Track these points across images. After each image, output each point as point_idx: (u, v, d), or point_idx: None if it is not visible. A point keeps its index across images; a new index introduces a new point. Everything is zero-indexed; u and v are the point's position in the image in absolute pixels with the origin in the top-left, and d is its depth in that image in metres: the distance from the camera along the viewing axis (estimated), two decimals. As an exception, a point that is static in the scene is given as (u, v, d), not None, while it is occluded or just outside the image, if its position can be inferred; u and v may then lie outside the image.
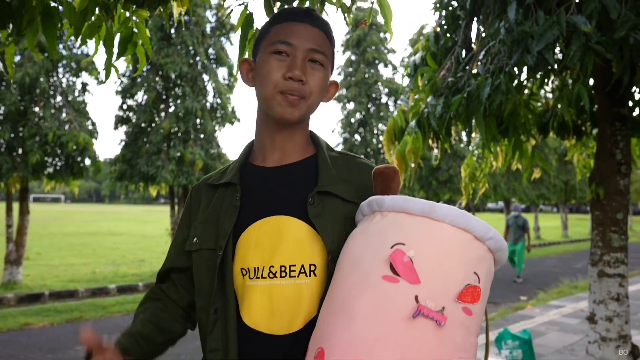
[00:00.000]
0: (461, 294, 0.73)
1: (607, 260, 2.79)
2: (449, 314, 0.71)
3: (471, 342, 0.75)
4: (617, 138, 2.83)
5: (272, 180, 0.98)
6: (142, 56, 1.88)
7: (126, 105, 9.81)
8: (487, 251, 0.80)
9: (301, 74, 0.91)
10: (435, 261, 0.75)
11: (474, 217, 0.79)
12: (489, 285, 0.81)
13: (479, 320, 0.77)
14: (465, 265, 0.76)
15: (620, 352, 2.74)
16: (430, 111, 2.62)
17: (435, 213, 0.78)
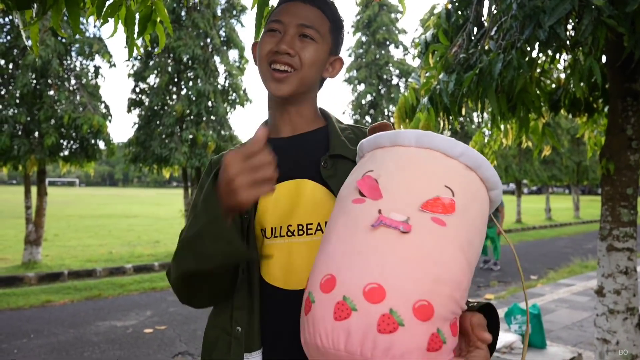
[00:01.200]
0: (427, 204, 0.73)
1: (616, 234, 2.82)
2: (415, 223, 0.70)
3: (449, 255, 0.70)
4: (628, 113, 2.84)
5: (286, 148, 1.03)
6: (162, 34, 1.94)
7: (139, 88, 9.90)
8: (464, 168, 0.79)
9: (287, 47, 0.95)
10: (400, 178, 0.77)
11: (441, 135, 0.80)
12: (479, 206, 0.78)
13: (461, 235, 0.72)
14: (432, 179, 0.76)
15: (628, 324, 2.79)
16: (442, 88, 2.65)
17: (402, 139, 0.82)
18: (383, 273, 0.66)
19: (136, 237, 12.69)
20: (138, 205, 28.80)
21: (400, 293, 0.65)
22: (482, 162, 0.80)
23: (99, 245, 10.94)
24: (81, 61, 8.49)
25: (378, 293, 0.65)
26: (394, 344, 0.64)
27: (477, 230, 0.77)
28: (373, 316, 0.64)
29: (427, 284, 0.67)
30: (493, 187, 0.82)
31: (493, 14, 2.73)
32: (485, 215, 0.80)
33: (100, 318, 5.45)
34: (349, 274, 0.68)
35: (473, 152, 0.79)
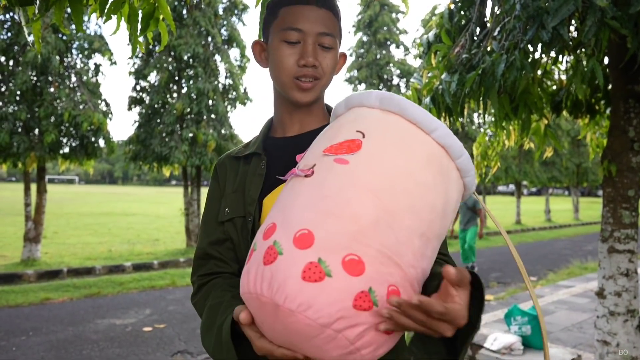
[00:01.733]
0: (330, 147, 0.75)
1: (617, 236, 2.82)
2: (317, 168, 0.74)
3: (353, 193, 0.68)
4: (630, 115, 2.84)
5: (293, 147, 1.02)
6: (165, 32, 1.94)
7: (139, 86, 9.89)
8: (384, 113, 0.78)
9: (314, 59, 0.96)
10: (328, 134, 0.81)
11: (360, 92, 0.83)
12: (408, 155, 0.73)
13: (371, 177, 0.70)
14: (341, 128, 0.79)
15: (628, 326, 2.79)
16: (444, 88, 2.65)
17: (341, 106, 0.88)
18: (281, 214, 0.71)
19: (135, 235, 12.68)
20: (137, 203, 28.79)
21: (286, 227, 0.68)
22: (402, 102, 0.77)
23: (98, 243, 10.93)
24: (81, 59, 8.48)
25: (270, 230, 0.70)
26: (274, 274, 0.64)
27: (403, 174, 0.71)
28: (260, 251, 0.68)
29: (313, 216, 0.67)
30: (429, 129, 0.76)
31: (496, 14, 2.73)
32: (427, 159, 0.74)
33: (100, 316, 5.45)
34: (284, 221, 0.70)
35: (391, 95, 0.78)
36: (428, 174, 0.72)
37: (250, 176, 1.03)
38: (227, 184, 1.07)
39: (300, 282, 0.62)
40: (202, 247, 1.06)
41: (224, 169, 1.10)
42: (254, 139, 1.13)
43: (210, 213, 1.08)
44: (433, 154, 0.74)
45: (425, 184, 0.71)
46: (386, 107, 0.77)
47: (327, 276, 0.61)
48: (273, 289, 0.63)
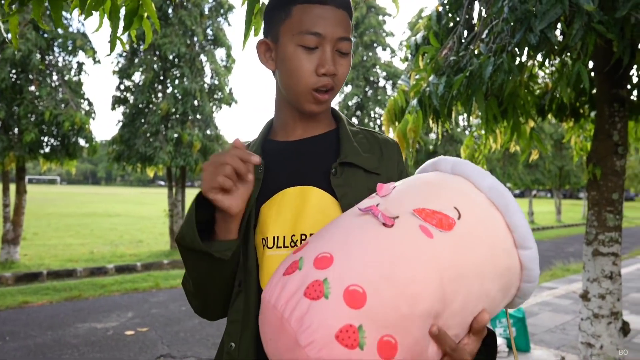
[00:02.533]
0: (422, 210, 0.69)
1: (601, 239, 2.84)
2: (400, 223, 0.67)
3: (419, 267, 0.64)
4: (614, 119, 2.86)
5: (294, 153, 0.98)
6: (149, 30, 1.89)
7: (123, 85, 9.75)
8: (489, 203, 0.74)
9: (334, 68, 0.90)
10: (415, 189, 0.76)
11: (474, 165, 0.78)
12: (489, 251, 0.69)
13: (447, 259, 0.66)
14: (445, 196, 0.73)
15: (612, 328, 2.81)
16: (432, 90, 2.64)
17: (440, 164, 0.84)
18: (341, 248, 0.65)
19: (118, 236, 12.49)
20: (121, 204, 28.42)
21: (343, 270, 0.63)
22: (510, 203, 0.72)
23: (80, 244, 10.74)
24: (64, 57, 8.32)
25: (325, 261, 0.64)
26: (310, 312, 0.60)
27: (478, 274, 0.68)
28: (308, 279, 0.63)
29: (373, 276, 0.62)
30: (523, 244, 0.72)
31: (484, 17, 2.72)
32: (502, 271, 0.71)
33: (80, 319, 5.33)
34: (317, 241, 0.69)
35: (503, 189, 0.73)
36: (495, 286, 0.71)
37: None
38: None
39: (331, 338, 0.59)
40: None
41: None
42: (252, 141, 1.07)
43: None
44: (509, 269, 0.72)
45: (487, 294, 0.70)
46: (494, 199, 0.74)
47: (359, 348, 0.59)
48: (303, 325, 0.61)
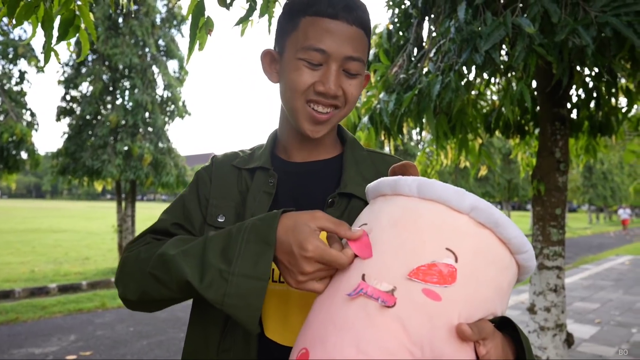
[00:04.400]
0: (417, 271, 0.60)
1: (546, 253, 2.93)
2: (401, 296, 0.59)
3: (440, 339, 0.58)
4: (556, 137, 2.98)
5: (296, 177, 0.92)
6: (86, 41, 1.79)
7: (69, 96, 9.34)
8: (476, 225, 0.65)
9: (336, 88, 0.82)
10: (392, 236, 0.65)
11: (447, 185, 0.68)
12: (494, 273, 0.64)
13: (464, 312, 0.60)
14: (431, 239, 0.63)
15: (557, 340, 2.88)
16: (382, 107, 2.66)
17: (402, 187, 0.70)
18: (357, 354, 0.57)
19: (63, 253, 11.87)
20: (67, 219, 27.12)
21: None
22: (499, 218, 0.65)
23: (20, 262, 10.11)
24: (3, 65, 7.90)
25: None
26: None
27: (487, 303, 0.63)
28: None
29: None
30: (519, 250, 0.68)
31: (432, 36, 2.78)
32: (505, 284, 0.67)
33: (16, 345, 4.98)
34: (321, 350, 0.60)
35: (486, 205, 0.65)
36: (501, 305, 0.68)
37: (255, 192, 0.90)
38: (220, 189, 0.94)
39: None
40: (165, 224, 0.92)
41: (222, 170, 0.97)
42: (257, 150, 0.99)
43: (192, 201, 0.94)
44: (512, 280, 0.69)
45: (500, 303, 0.68)
46: (480, 220, 0.65)
47: None
48: None
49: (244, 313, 0.69)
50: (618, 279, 9.08)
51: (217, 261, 0.71)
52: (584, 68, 2.68)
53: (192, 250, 0.75)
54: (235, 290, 0.69)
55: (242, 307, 0.69)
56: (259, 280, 0.69)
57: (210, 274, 0.71)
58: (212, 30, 1.62)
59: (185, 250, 0.76)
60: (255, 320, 0.69)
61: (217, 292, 0.70)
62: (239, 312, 0.69)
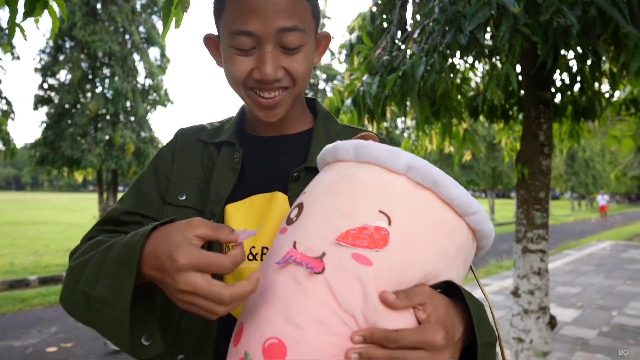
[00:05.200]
0: (347, 235, 0.57)
1: (530, 237, 2.93)
2: (330, 261, 0.56)
3: (376, 304, 0.55)
4: (540, 120, 2.97)
5: (263, 152, 0.87)
6: (55, 18, 1.70)
7: (47, 84, 9.11)
8: (415, 186, 0.61)
9: (274, 72, 0.74)
10: (325, 201, 0.62)
11: (381, 145, 0.64)
12: (436, 237, 0.60)
13: (395, 275, 0.57)
14: (363, 201, 0.60)
15: (540, 323, 2.90)
16: (366, 89, 2.61)
17: (341, 152, 0.67)
18: (286, 325, 0.55)
19: (44, 245, 11.65)
20: (48, 210, 26.68)
21: (303, 352, 0.54)
22: (437, 177, 0.61)
23: None
24: (-24, 52, 7.67)
25: (278, 351, 0.54)
26: None
27: (426, 269, 0.59)
28: None
29: (336, 341, 0.54)
30: (466, 212, 0.63)
31: (416, 18, 2.73)
32: (452, 248, 0.62)
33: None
34: (253, 324, 0.59)
35: (424, 164, 0.61)
36: (452, 271, 0.63)
37: (220, 168, 0.85)
38: (182, 165, 0.88)
39: None
40: (117, 213, 0.86)
41: (186, 145, 0.90)
42: (225, 123, 0.94)
43: (145, 184, 0.89)
44: (462, 244, 0.64)
45: (438, 278, 0.63)
46: (418, 179, 0.61)
47: None
48: None
49: (113, 339, 0.67)
50: (599, 263, 9.24)
51: (85, 282, 0.68)
52: (569, 51, 2.67)
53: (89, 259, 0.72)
54: (98, 318, 0.66)
55: (109, 335, 0.67)
56: (120, 310, 0.61)
57: (77, 294, 0.69)
58: (188, 7, 1.55)
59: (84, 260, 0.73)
60: (125, 344, 0.65)
61: (84, 316, 0.69)
62: (109, 337, 0.68)
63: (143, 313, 0.66)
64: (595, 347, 4.34)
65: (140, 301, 0.66)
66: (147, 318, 0.67)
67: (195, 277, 0.56)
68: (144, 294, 0.67)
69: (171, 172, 0.88)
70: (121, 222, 0.85)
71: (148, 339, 0.66)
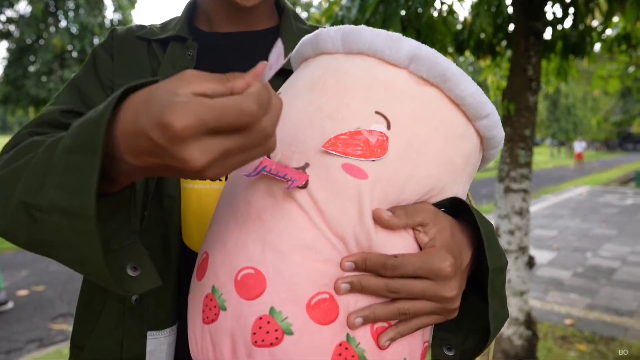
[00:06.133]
0: (336, 140, 0.45)
1: (513, 176, 2.83)
2: (316, 173, 0.45)
3: (371, 224, 0.45)
4: (530, 54, 2.80)
5: (222, 50, 0.74)
6: None
7: (5, 16, 8.49)
8: (416, 82, 0.49)
9: None
10: (309, 101, 0.50)
11: (377, 30, 0.51)
12: (441, 141, 0.49)
13: (394, 190, 0.46)
14: (349, 101, 0.48)
15: (519, 263, 2.86)
16: (344, 14, 2.39)
17: (324, 43, 0.54)
18: (264, 252, 0.44)
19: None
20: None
21: (287, 282, 0.44)
22: (447, 70, 0.49)
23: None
24: None
25: (255, 283, 0.44)
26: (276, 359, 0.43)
27: (429, 182, 0.49)
28: (246, 319, 0.43)
29: (326, 269, 0.44)
30: (477, 114, 0.51)
31: None
32: (459, 158, 0.51)
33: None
34: (222, 252, 0.47)
35: (430, 53, 0.49)
36: (457, 185, 0.52)
37: (168, 67, 0.70)
38: (126, 66, 0.72)
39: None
40: (53, 113, 0.68)
41: (125, 45, 0.74)
42: (168, 23, 0.78)
43: (89, 82, 0.72)
44: (470, 154, 0.53)
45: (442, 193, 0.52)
46: (423, 73, 0.49)
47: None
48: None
49: (83, 269, 0.45)
50: (576, 208, 9.40)
51: (24, 190, 0.45)
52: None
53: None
54: (50, 238, 0.44)
55: (75, 262, 0.44)
56: (81, 218, 0.39)
57: (12, 207, 0.46)
58: None
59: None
60: (101, 275, 0.42)
61: (29, 238, 0.46)
62: (77, 267, 0.45)
63: (121, 230, 0.47)
64: (569, 287, 4.41)
65: (115, 213, 0.46)
66: (127, 237, 0.48)
67: (208, 143, 0.35)
68: (120, 204, 0.46)
69: (113, 74, 0.72)
70: (61, 124, 0.66)
71: (135, 268, 0.47)
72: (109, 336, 0.67)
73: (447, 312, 0.48)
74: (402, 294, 0.45)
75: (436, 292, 0.46)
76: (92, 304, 0.70)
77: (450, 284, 0.47)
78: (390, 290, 0.45)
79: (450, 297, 0.47)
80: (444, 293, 0.46)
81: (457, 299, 0.48)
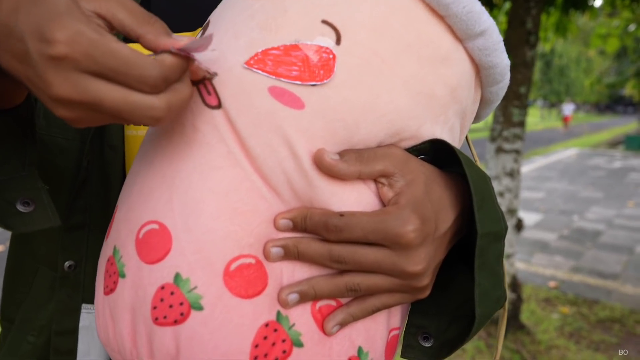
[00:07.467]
0: (261, 57, 0.33)
1: (505, 135, 2.72)
2: (235, 97, 0.34)
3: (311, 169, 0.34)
4: (530, 4, 2.62)
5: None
6: None
7: None
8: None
9: None
10: (242, 8, 0.37)
11: None
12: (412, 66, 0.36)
13: (343, 127, 0.34)
14: (298, 5, 0.35)
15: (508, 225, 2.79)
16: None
17: None
18: (171, 200, 0.33)
19: None
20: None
21: (197, 240, 0.33)
22: None
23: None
24: None
25: (158, 241, 0.33)
26: (181, 342, 0.32)
27: (397, 118, 0.36)
28: (146, 290, 0.33)
29: (252, 223, 0.33)
30: (469, 31, 0.37)
31: None
32: (440, 87, 0.37)
33: None
34: (126, 205, 0.37)
35: None
36: (437, 125, 0.39)
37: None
38: None
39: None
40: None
41: None
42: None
43: None
44: (459, 85, 0.39)
45: (418, 135, 0.39)
46: None
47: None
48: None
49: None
50: (564, 170, 9.39)
51: None
52: None
53: None
54: None
55: None
56: None
57: None
58: None
59: None
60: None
61: None
62: None
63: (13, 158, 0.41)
64: (554, 249, 4.40)
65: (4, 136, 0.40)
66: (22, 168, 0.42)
67: (84, 82, 0.28)
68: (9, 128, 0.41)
69: None
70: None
71: (28, 204, 0.41)
72: (40, 308, 0.58)
73: (413, 290, 0.37)
74: (349, 265, 0.34)
75: (395, 265, 0.35)
76: (21, 272, 0.60)
77: (415, 254, 0.35)
78: (333, 259, 0.34)
79: (414, 272, 0.35)
80: (406, 267, 0.35)
81: (426, 274, 0.36)
